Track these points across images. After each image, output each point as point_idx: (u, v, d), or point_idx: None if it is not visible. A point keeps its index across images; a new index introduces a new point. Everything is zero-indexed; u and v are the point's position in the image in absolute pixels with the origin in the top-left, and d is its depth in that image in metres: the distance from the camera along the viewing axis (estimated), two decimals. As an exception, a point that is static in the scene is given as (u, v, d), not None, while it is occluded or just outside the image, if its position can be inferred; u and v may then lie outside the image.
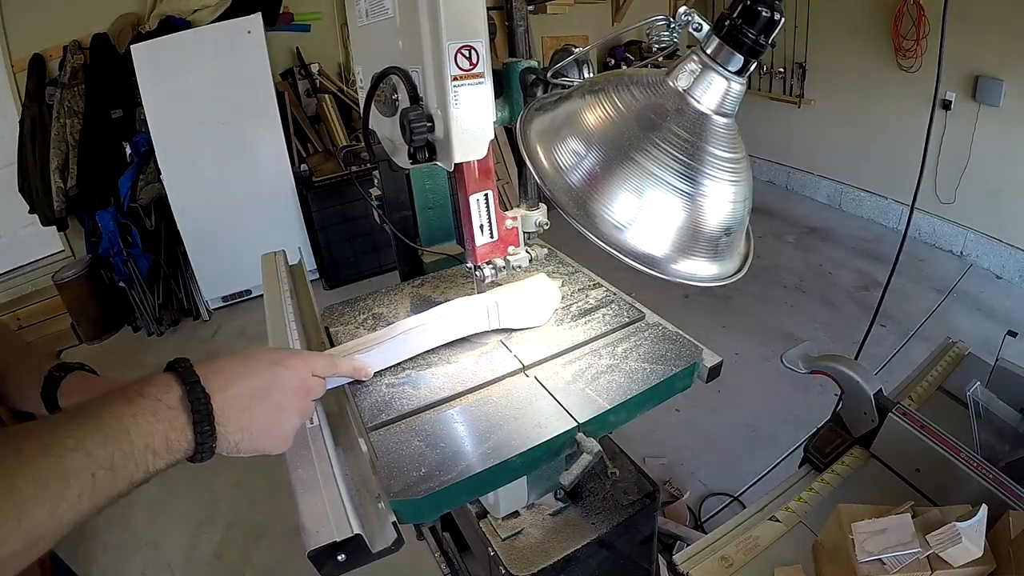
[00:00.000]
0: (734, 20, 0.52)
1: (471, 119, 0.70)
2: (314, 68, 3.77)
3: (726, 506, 2.05)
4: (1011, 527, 0.68)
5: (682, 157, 0.56)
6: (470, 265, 0.83)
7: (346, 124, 3.75)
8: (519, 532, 0.85)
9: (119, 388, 0.50)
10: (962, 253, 3.59)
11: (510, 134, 0.79)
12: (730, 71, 0.55)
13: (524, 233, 0.87)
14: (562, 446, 0.70)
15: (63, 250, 3.52)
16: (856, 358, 1.10)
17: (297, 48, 3.76)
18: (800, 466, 0.97)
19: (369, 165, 0.98)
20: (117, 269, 3.13)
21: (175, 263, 3.37)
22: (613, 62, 4.54)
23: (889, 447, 0.90)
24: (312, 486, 0.58)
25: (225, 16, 3.15)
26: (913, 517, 0.70)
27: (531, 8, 4.24)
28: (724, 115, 0.57)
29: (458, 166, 0.74)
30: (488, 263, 0.82)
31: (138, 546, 2.06)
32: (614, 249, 0.58)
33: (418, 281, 1.04)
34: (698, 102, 0.56)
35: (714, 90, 0.56)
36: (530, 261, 0.86)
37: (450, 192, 1.08)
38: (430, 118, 0.69)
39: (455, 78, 0.67)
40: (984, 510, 0.66)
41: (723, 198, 0.58)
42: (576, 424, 0.69)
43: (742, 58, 0.54)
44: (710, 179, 0.57)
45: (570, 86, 0.74)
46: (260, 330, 0.83)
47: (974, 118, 3.27)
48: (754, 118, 4.58)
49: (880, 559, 0.67)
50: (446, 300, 0.86)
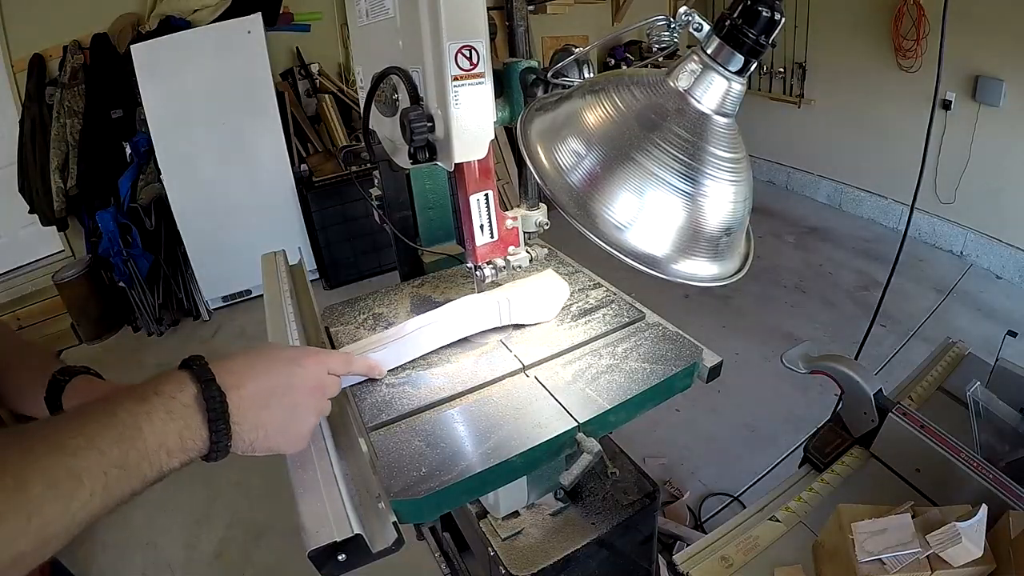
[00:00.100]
0: (734, 20, 0.53)
1: (471, 119, 0.70)
2: (314, 68, 3.77)
3: (726, 506, 2.05)
4: (1011, 527, 0.68)
5: (682, 157, 0.56)
6: (470, 265, 0.83)
7: (346, 124, 3.75)
8: (519, 532, 0.85)
9: (132, 386, 0.49)
10: (962, 253, 3.59)
11: (510, 134, 0.79)
12: (730, 71, 0.55)
13: (524, 233, 0.87)
14: (562, 446, 0.69)
15: (63, 250, 3.52)
16: (856, 358, 1.10)
17: (297, 48, 3.76)
18: (800, 466, 0.97)
19: (369, 165, 0.98)
20: (117, 269, 3.13)
21: (175, 263, 3.37)
22: (613, 62, 4.54)
23: (889, 447, 0.90)
24: (312, 486, 0.58)
25: (225, 16, 3.15)
26: (913, 517, 0.70)
27: (531, 8, 4.24)
28: (724, 115, 0.57)
29: (458, 166, 0.74)
30: (488, 263, 0.82)
31: (138, 545, 2.06)
32: (614, 249, 0.58)
33: (418, 281, 1.04)
34: (698, 102, 0.56)
35: (714, 90, 0.56)
36: (530, 261, 0.86)
37: (450, 192, 1.08)
38: (430, 118, 0.69)
39: (455, 78, 0.67)
40: (984, 510, 0.66)
41: (723, 198, 0.58)
42: (576, 424, 0.69)
43: (742, 58, 0.54)
44: (710, 179, 0.57)
45: (570, 86, 0.74)
46: (260, 330, 0.83)
47: (974, 118, 3.28)
48: (754, 118, 4.58)
49: (880, 559, 0.67)
50: (446, 300, 0.85)
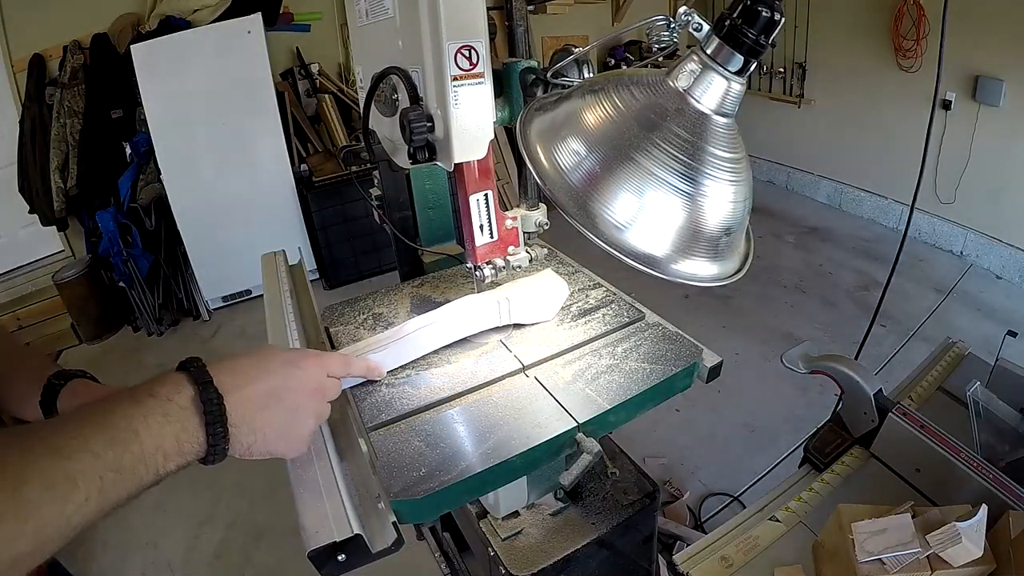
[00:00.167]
0: (734, 20, 0.52)
1: (471, 119, 0.70)
2: (314, 68, 3.77)
3: (726, 506, 2.05)
4: (1011, 527, 0.68)
5: (682, 157, 0.56)
6: (470, 265, 0.83)
7: (346, 124, 3.75)
8: (519, 532, 0.85)
9: (129, 388, 0.49)
10: (962, 253, 3.59)
11: (510, 134, 0.78)
12: (730, 71, 0.55)
13: (524, 233, 0.87)
14: (562, 446, 0.69)
15: (63, 250, 3.52)
16: (856, 358, 1.10)
17: (297, 48, 3.76)
18: (800, 466, 0.97)
19: (369, 165, 0.98)
20: (117, 269, 3.13)
21: (175, 263, 3.37)
22: (613, 62, 4.54)
23: (889, 447, 0.90)
24: (312, 486, 0.58)
25: (225, 16, 3.15)
26: (913, 517, 0.70)
27: (531, 8, 4.24)
28: (724, 115, 0.57)
29: (458, 166, 0.74)
30: (488, 263, 0.82)
31: (138, 546, 2.06)
32: (614, 249, 0.58)
33: (418, 281, 1.04)
34: (698, 102, 0.56)
35: (714, 90, 0.56)
36: (530, 261, 0.86)
37: (450, 192, 1.08)
38: (430, 118, 0.69)
39: (455, 78, 0.67)
40: (984, 510, 0.66)
41: (723, 198, 0.58)
42: (576, 424, 0.69)
43: (742, 58, 0.54)
44: (710, 179, 0.57)
45: (570, 86, 0.74)
46: (260, 330, 0.83)
47: (974, 118, 3.28)
48: (754, 118, 4.58)
49: (880, 559, 0.67)
50: (446, 300, 0.85)
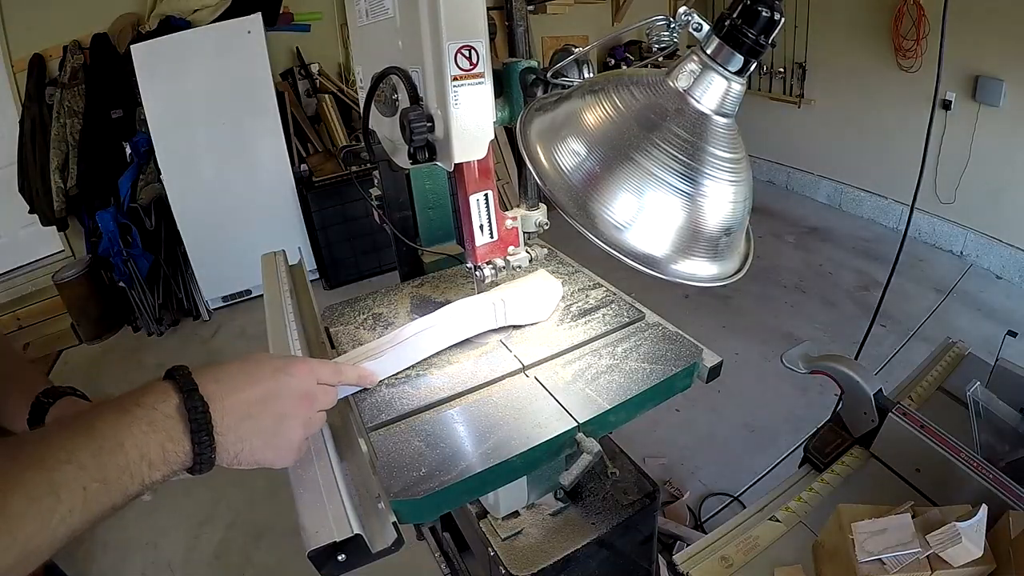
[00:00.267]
0: (734, 20, 0.52)
1: (471, 119, 0.69)
2: (314, 68, 3.77)
3: (726, 506, 2.05)
4: (1011, 527, 0.68)
5: (682, 157, 0.56)
6: (470, 265, 0.83)
7: (346, 124, 3.75)
8: (519, 532, 0.85)
9: (115, 398, 0.48)
10: (962, 253, 3.59)
11: (510, 134, 0.78)
12: (730, 71, 0.55)
13: (524, 233, 0.87)
14: (562, 446, 0.69)
15: (63, 250, 3.53)
16: (856, 358, 1.10)
17: (297, 48, 3.76)
18: (800, 466, 0.97)
19: (369, 165, 0.98)
20: (117, 269, 3.13)
21: (175, 263, 3.37)
22: (613, 62, 4.54)
23: (889, 447, 0.90)
24: (312, 486, 0.58)
25: (225, 16, 3.15)
26: (913, 517, 0.70)
27: (531, 8, 4.24)
28: (724, 115, 0.57)
29: (458, 166, 0.74)
30: (488, 263, 0.82)
31: (138, 546, 2.06)
32: (614, 249, 0.58)
33: (418, 281, 1.04)
34: (698, 102, 0.56)
35: (714, 90, 0.56)
36: (530, 261, 0.86)
37: (450, 192, 1.08)
38: (430, 118, 0.69)
39: (455, 78, 0.67)
40: (984, 510, 0.66)
41: (723, 198, 0.58)
42: (576, 424, 0.69)
43: (742, 58, 0.54)
44: (710, 179, 0.57)
45: (570, 86, 0.74)
46: (260, 330, 0.83)
47: (974, 118, 3.28)
48: (754, 118, 4.58)
49: (880, 559, 0.67)
50: (446, 300, 0.85)
